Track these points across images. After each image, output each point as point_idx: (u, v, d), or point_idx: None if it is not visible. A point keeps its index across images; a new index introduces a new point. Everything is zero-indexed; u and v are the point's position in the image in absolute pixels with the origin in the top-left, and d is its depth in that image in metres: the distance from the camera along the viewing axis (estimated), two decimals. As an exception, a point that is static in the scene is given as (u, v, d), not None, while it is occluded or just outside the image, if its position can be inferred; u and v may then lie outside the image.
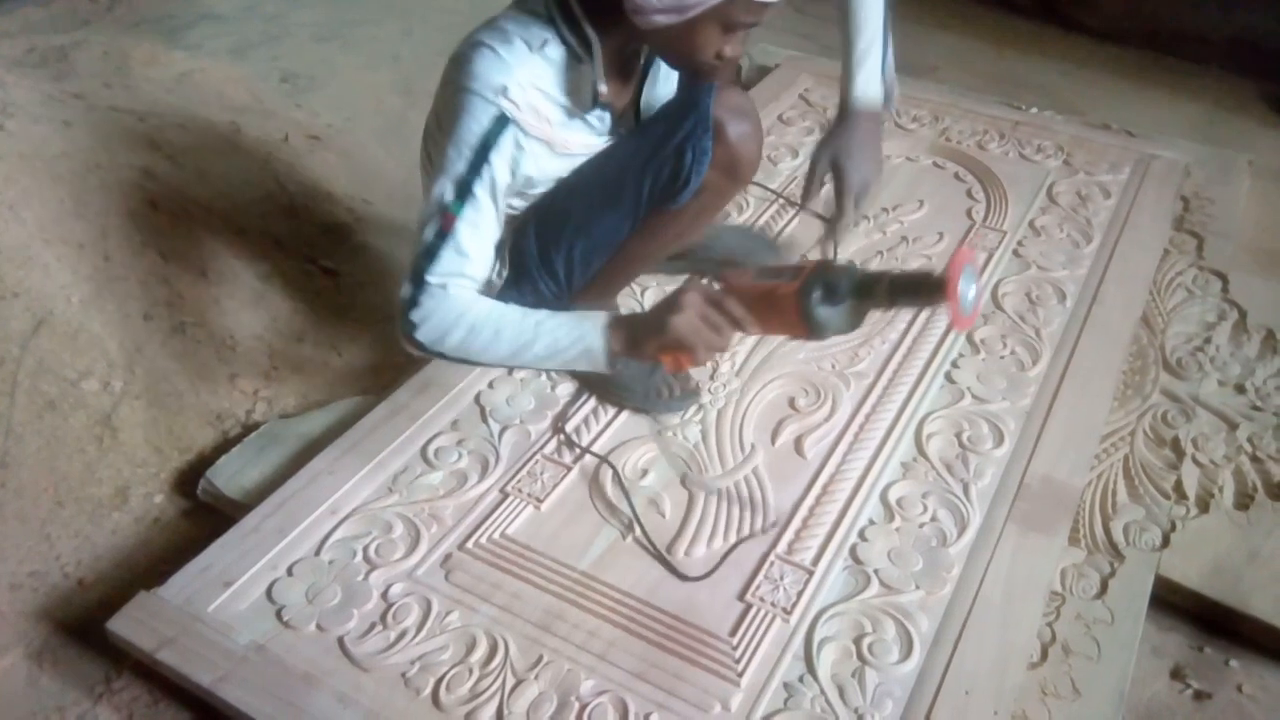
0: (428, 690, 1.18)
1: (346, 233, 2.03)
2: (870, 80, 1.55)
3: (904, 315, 1.76)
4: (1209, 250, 2.01)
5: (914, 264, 1.89)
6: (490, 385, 1.60)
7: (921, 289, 1.14)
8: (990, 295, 1.84)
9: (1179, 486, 1.52)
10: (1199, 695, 1.32)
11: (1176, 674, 1.35)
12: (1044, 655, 1.28)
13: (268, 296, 1.81)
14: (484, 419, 1.54)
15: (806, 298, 1.17)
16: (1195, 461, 1.55)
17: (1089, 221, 2.05)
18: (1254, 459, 1.57)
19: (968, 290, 1.12)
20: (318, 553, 1.33)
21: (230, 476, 1.46)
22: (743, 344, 1.71)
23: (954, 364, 1.69)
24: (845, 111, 1.56)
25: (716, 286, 1.25)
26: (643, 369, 1.51)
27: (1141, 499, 1.50)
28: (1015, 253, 1.96)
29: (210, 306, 1.73)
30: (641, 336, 1.26)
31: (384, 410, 1.53)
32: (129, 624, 1.22)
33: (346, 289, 1.89)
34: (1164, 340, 1.78)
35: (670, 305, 1.22)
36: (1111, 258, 1.94)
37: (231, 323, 1.73)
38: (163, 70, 2.31)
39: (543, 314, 1.30)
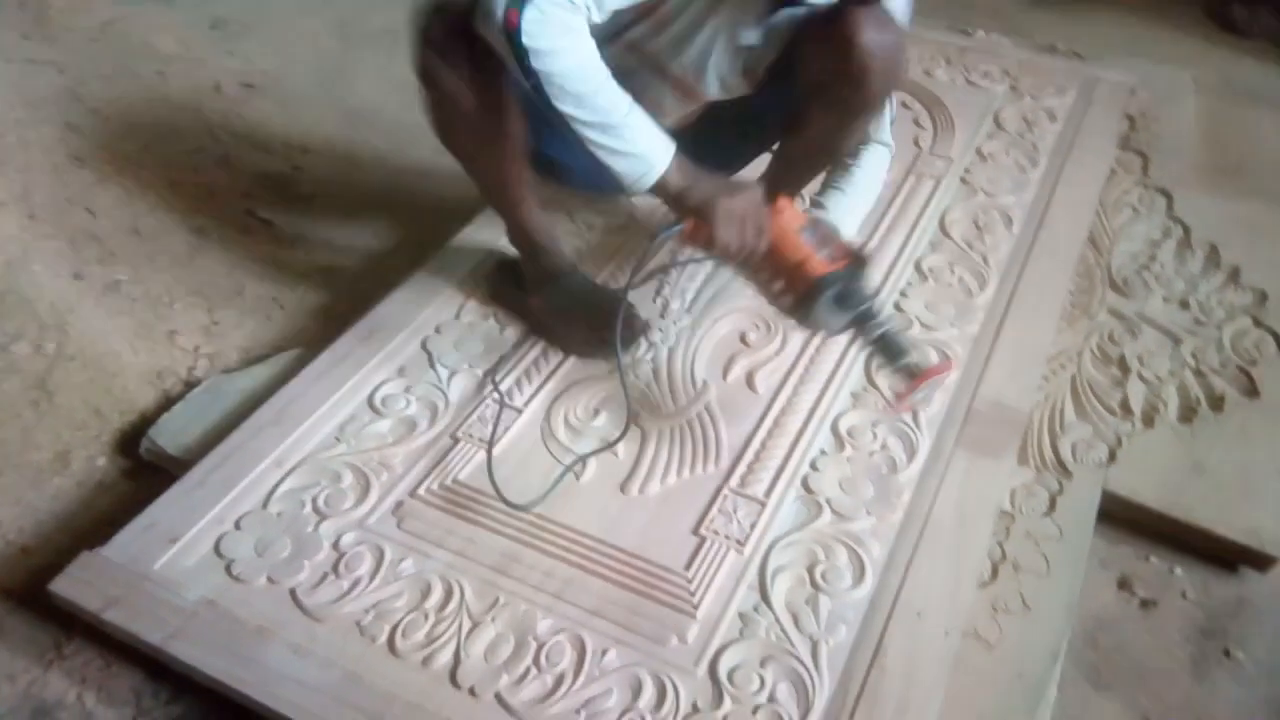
0: (383, 637, 1.17)
1: (285, 182, 1.98)
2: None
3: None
4: (1154, 168, 2.02)
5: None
6: (437, 330, 1.57)
7: (895, 360, 1.24)
8: (938, 224, 1.84)
9: (1125, 403, 1.54)
10: (1145, 603, 1.36)
11: (1124, 584, 1.38)
12: (994, 573, 1.30)
13: (204, 250, 1.76)
14: (431, 365, 1.52)
15: (821, 290, 1.22)
16: (1141, 378, 1.58)
17: (1035, 146, 2.05)
18: (1197, 373, 1.59)
19: (926, 394, 1.26)
20: (265, 505, 1.31)
21: (173, 434, 1.43)
22: (692, 279, 1.70)
23: (903, 293, 1.69)
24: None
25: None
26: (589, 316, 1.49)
27: (1089, 417, 1.52)
28: (962, 180, 1.96)
29: (144, 263, 1.68)
30: (700, 187, 1.22)
31: (327, 359, 1.50)
32: (73, 584, 1.20)
33: (286, 240, 1.85)
34: (1110, 260, 1.80)
35: (733, 189, 1.23)
36: (1058, 181, 1.95)
37: (167, 278, 1.69)
38: (84, 19, 2.21)
39: (633, 103, 1.19)
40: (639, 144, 1.19)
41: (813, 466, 1.39)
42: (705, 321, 1.62)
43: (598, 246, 1.75)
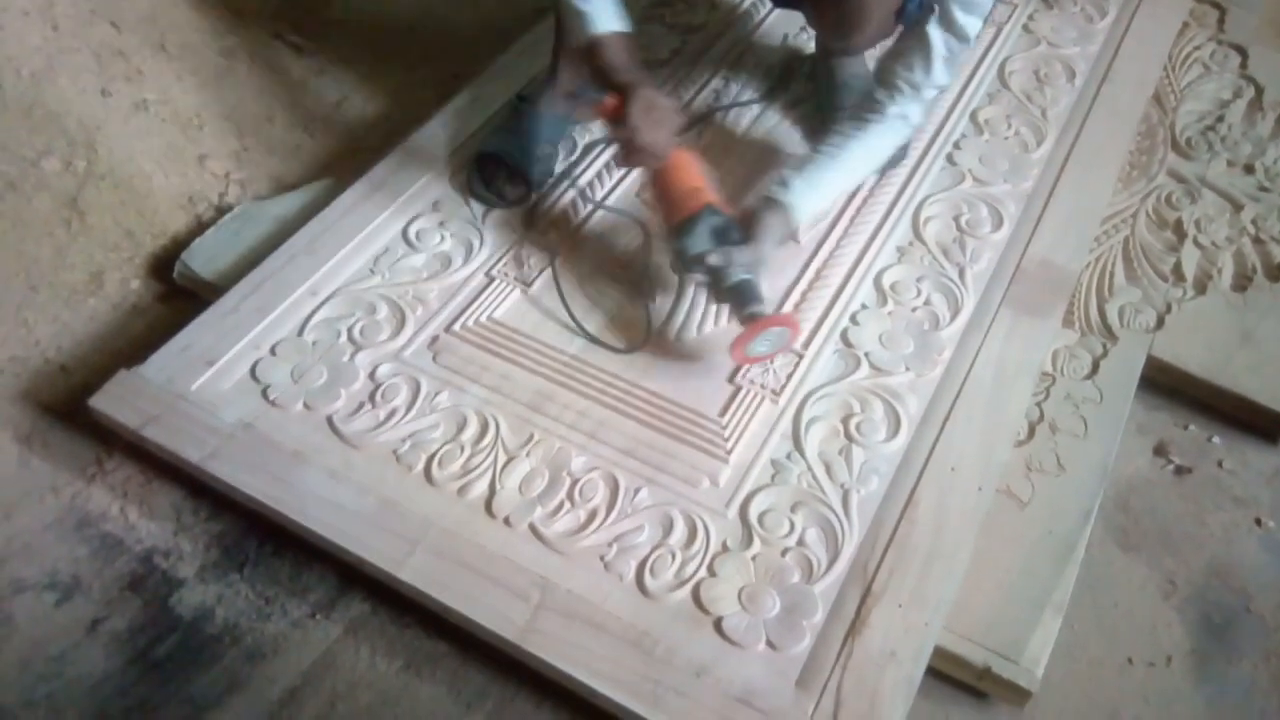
0: (420, 466, 1.18)
1: (315, 6, 1.89)
2: (813, 201, 1.36)
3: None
4: (1230, 22, 1.90)
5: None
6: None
7: (744, 308, 1.24)
8: (996, 74, 1.75)
9: (1178, 268, 1.49)
10: (1180, 470, 1.35)
11: (1160, 450, 1.37)
12: (1031, 433, 1.29)
13: (233, 73, 1.70)
14: (466, 201, 1.48)
15: (703, 216, 1.27)
16: (1196, 243, 1.53)
17: (1106, -7, 1.93)
18: (1256, 240, 1.54)
19: (759, 345, 1.24)
20: (300, 333, 1.31)
21: (206, 259, 1.42)
22: (738, 123, 1.64)
23: (956, 145, 1.62)
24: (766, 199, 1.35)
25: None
26: None
27: (1139, 281, 1.48)
28: (1025, 28, 1.86)
29: (172, 83, 1.63)
30: (631, 73, 1.27)
31: (362, 189, 1.46)
32: (111, 402, 1.21)
33: (317, 66, 1.78)
34: (1175, 119, 1.71)
35: (660, 94, 1.29)
36: (1126, 32, 1.84)
37: (196, 101, 1.64)
38: None
39: None
40: (593, 5, 1.28)
41: (853, 320, 1.37)
42: (744, 163, 1.57)
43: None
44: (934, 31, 1.33)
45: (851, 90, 1.57)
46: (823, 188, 1.37)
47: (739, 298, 1.24)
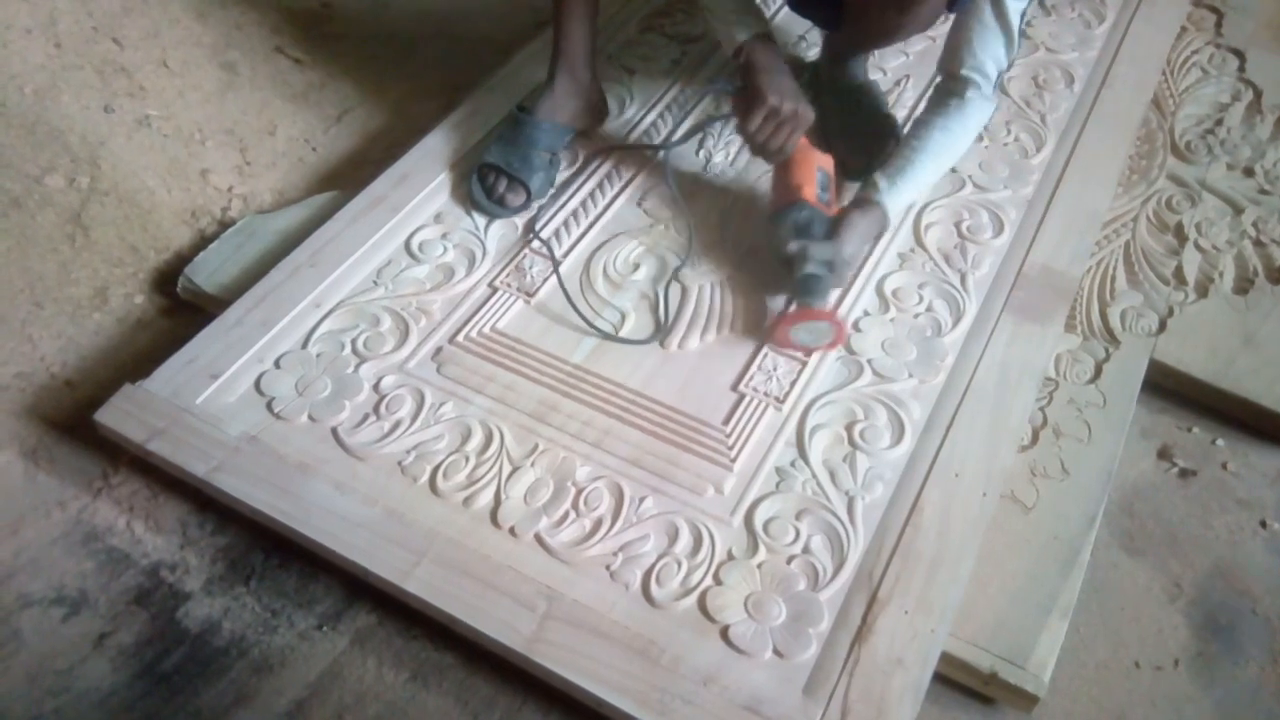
0: (425, 477, 1.19)
1: (315, 20, 1.90)
2: (903, 192, 1.40)
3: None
4: (1228, 26, 1.91)
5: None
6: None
7: (803, 298, 1.29)
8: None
9: (1179, 272, 1.50)
10: (1184, 473, 1.35)
11: (1164, 453, 1.37)
12: (1035, 438, 1.29)
13: (234, 87, 1.71)
14: (468, 212, 1.49)
15: (793, 210, 1.35)
16: (1197, 247, 1.53)
17: (1104, 0, 1.94)
18: (1257, 243, 1.54)
19: (800, 334, 1.30)
20: (305, 345, 1.31)
21: (210, 273, 1.42)
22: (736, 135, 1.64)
23: (956, 151, 1.62)
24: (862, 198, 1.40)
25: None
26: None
27: (1141, 285, 1.48)
28: (1023, 33, 1.85)
29: (174, 98, 1.64)
30: (772, 67, 1.36)
31: (363, 202, 1.47)
32: (117, 416, 1.21)
33: (318, 80, 1.79)
34: (1174, 123, 1.72)
35: (797, 91, 1.37)
36: (1124, 37, 1.85)
37: (198, 115, 1.64)
38: None
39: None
40: (736, 21, 1.40)
41: (856, 327, 1.37)
42: (749, 176, 1.57)
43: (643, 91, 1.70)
44: (984, 7, 1.37)
45: (854, 95, 1.58)
46: (914, 182, 1.41)
47: (802, 289, 1.30)
